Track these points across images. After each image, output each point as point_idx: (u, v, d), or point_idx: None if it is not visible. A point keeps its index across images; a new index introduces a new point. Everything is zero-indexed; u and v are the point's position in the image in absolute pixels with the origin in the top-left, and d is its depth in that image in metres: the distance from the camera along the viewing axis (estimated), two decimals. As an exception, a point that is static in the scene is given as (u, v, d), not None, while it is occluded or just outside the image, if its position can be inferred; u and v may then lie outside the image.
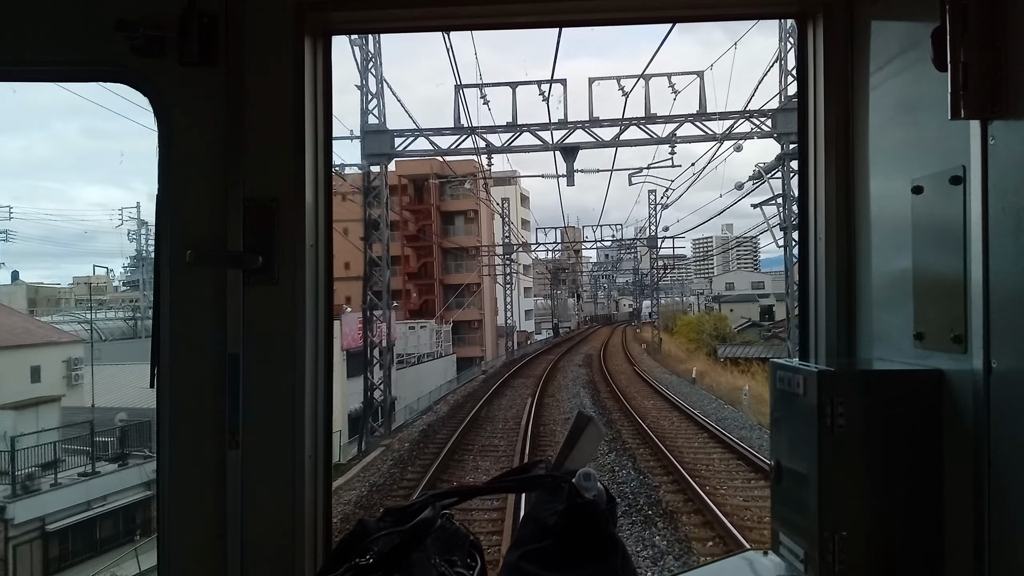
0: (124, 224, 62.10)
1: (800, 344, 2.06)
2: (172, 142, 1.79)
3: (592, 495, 1.40)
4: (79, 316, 49.08)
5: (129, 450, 22.93)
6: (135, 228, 59.61)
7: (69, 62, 1.83)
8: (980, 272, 1.37)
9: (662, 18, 2.33)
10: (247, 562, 1.75)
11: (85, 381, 30.34)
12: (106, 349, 42.44)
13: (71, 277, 77.61)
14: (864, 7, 1.83)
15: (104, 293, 68.39)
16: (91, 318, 50.20)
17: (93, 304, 59.75)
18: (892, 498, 1.57)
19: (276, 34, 1.78)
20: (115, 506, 21.52)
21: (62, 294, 65.44)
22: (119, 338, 47.98)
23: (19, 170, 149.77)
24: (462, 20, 2.09)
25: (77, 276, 77.37)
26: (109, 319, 52.24)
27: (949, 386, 1.52)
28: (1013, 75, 1.29)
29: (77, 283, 72.62)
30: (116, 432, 23.09)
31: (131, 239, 59.73)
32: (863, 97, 1.84)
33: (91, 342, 32.43)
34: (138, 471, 22.02)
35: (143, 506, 22.18)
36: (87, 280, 74.12)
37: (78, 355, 32.13)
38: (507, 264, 58.80)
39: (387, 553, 1.28)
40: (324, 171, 1.90)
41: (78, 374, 30.82)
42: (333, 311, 2.00)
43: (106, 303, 60.61)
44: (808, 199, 1.97)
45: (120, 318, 53.69)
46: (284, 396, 1.78)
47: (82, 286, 72.55)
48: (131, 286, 59.96)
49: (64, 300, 64.90)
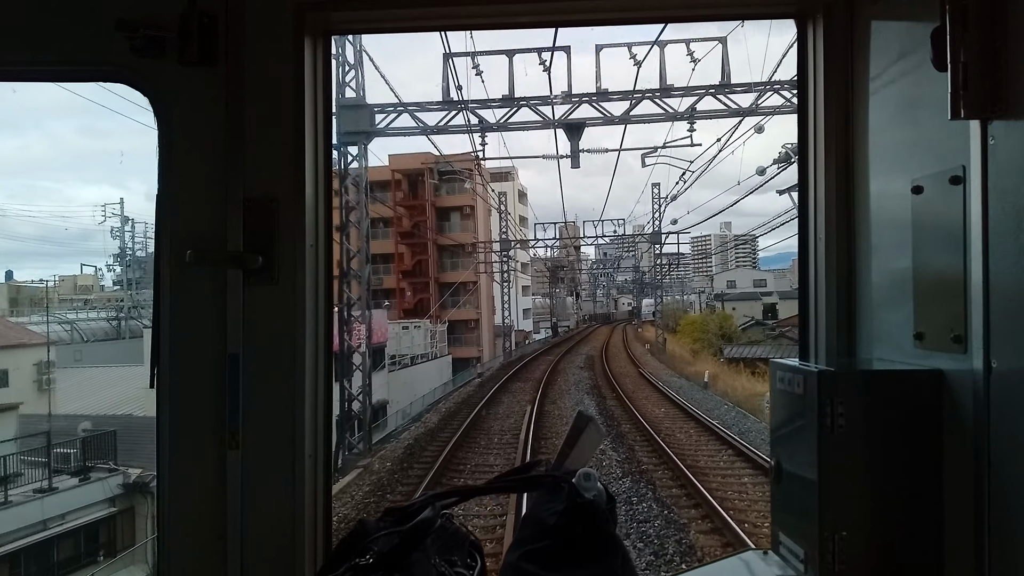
0: (107, 221, 59.84)
1: (800, 344, 2.07)
2: (172, 142, 1.81)
3: (592, 495, 1.41)
4: (59, 316, 47.88)
5: (93, 462, 21.13)
6: (119, 225, 57.48)
7: (69, 62, 1.85)
8: (980, 272, 1.39)
9: (661, 18, 2.36)
10: (247, 562, 1.77)
11: (58, 386, 29.17)
12: (87, 351, 41.45)
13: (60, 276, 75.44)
14: (864, 7, 1.85)
15: (90, 292, 66.17)
16: (72, 318, 48.92)
17: (79, 304, 58.33)
18: (892, 498, 1.58)
19: (276, 34, 1.80)
20: (74, 525, 19.59)
21: (46, 294, 63.27)
22: (101, 339, 46.45)
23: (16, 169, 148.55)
24: (462, 20, 2.12)
25: (63, 275, 75.25)
26: (91, 319, 50.44)
27: (949, 386, 1.54)
28: (1013, 75, 1.31)
29: (62, 281, 70.62)
30: (77, 443, 21.09)
31: (114, 236, 57.65)
32: (863, 97, 1.86)
33: (50, 344, 30.60)
34: (101, 486, 20.38)
35: (107, 525, 20.70)
36: (74, 279, 72.50)
37: (51, 357, 30.06)
38: (504, 261, 56.84)
39: (387, 553, 1.29)
40: (324, 171, 1.92)
41: (50, 378, 29.03)
42: (333, 311, 2.00)
43: (92, 303, 58.50)
44: (808, 199, 1.99)
45: (103, 318, 51.92)
46: (284, 396, 1.79)
47: (70, 285, 71.05)
48: (122, 285, 57.86)
49: (47, 299, 62.87)
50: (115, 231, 57.94)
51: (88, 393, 29.85)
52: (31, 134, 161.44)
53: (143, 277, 64.66)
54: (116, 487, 20.59)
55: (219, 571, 1.76)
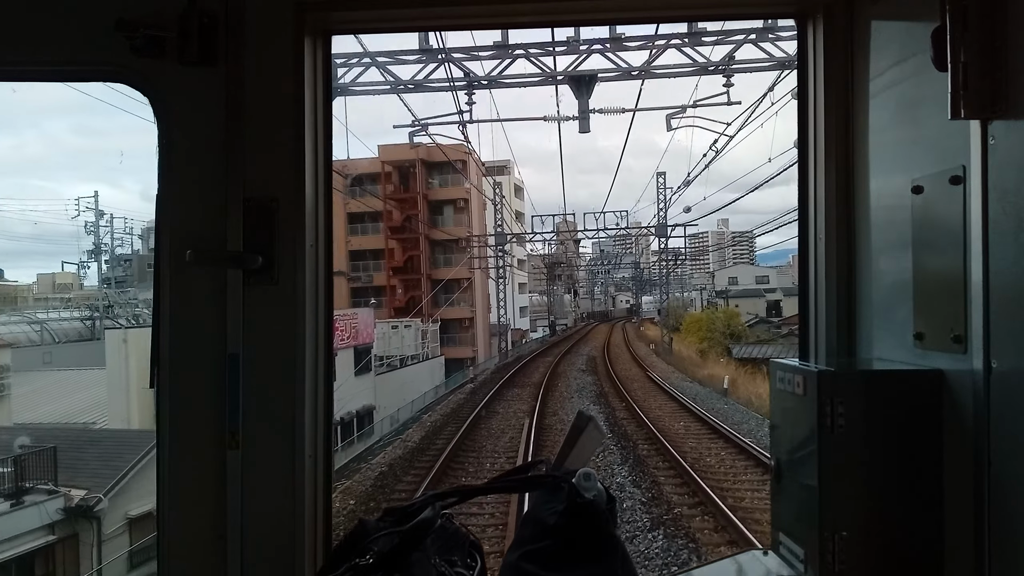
0: (81, 216, 56.82)
1: (800, 344, 2.11)
2: (172, 142, 1.84)
3: (592, 495, 1.42)
4: (29, 316, 46.25)
5: (32, 483, 18.28)
6: (93, 220, 54.46)
7: (69, 62, 1.88)
8: (980, 272, 1.42)
9: (662, 18, 2.55)
10: (247, 562, 1.80)
11: (16, 392, 27.17)
12: (58, 352, 39.40)
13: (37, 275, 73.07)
14: (864, 7, 1.88)
15: (69, 291, 63.66)
16: (43, 317, 46.60)
17: (56, 303, 56.04)
18: (892, 498, 1.61)
19: (276, 34, 1.83)
20: (4, 558, 17.04)
21: (19, 292, 60.52)
22: (75, 340, 44.30)
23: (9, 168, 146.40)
24: (462, 20, 2.12)
25: (42, 273, 72.50)
26: (63, 319, 48.09)
27: (949, 386, 1.57)
28: (1013, 75, 1.34)
29: (40, 280, 68.24)
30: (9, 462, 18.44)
31: (88, 231, 54.60)
32: (863, 97, 1.89)
33: (6, 346, 28.16)
34: (37, 511, 17.64)
35: (44, 556, 17.93)
36: (52, 277, 70.11)
37: (4, 361, 27.83)
38: (499, 256, 54.04)
39: (387, 553, 1.31)
40: (324, 171, 1.94)
41: (4, 383, 26.86)
42: (333, 311, 2.02)
43: (72, 302, 56.00)
44: (808, 199, 2.02)
45: (77, 318, 49.49)
46: (284, 396, 1.82)
47: (49, 283, 68.80)
48: (113, 283, 55.07)
49: (22, 299, 60.26)
50: (89, 226, 54.80)
51: (51, 399, 28.08)
52: (26, 133, 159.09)
53: (125, 275, 61.91)
54: (56, 512, 18.01)
55: (219, 571, 1.79)
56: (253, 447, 1.78)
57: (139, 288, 53.41)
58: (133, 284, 56.91)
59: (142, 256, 57.98)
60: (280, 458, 1.79)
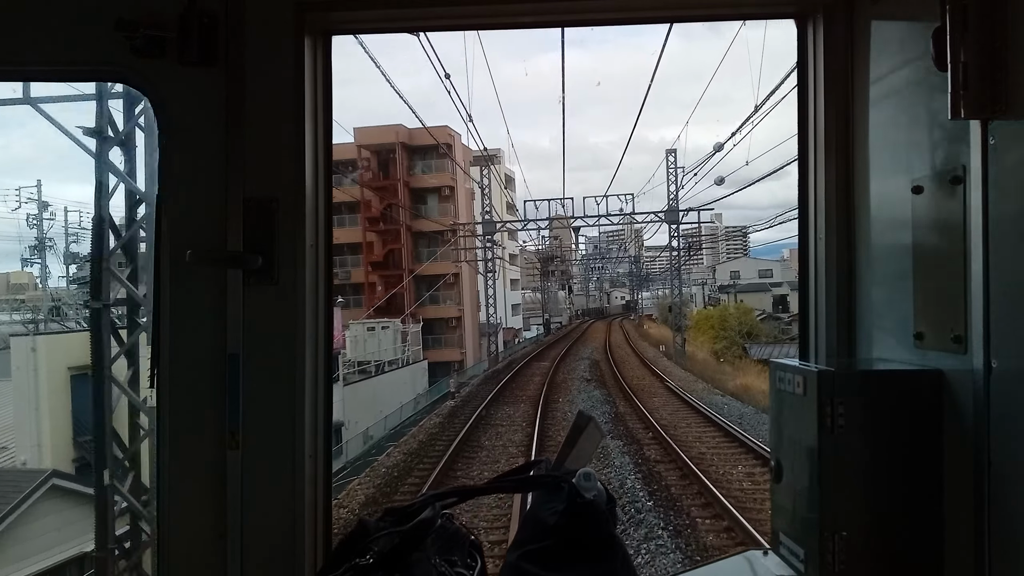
0: (23, 207, 51.03)
1: (800, 344, 2.16)
2: (172, 142, 1.90)
3: (592, 495, 1.46)
4: None
5: None
6: (35, 212, 48.72)
7: (69, 62, 1.92)
8: (980, 272, 1.45)
9: (661, 18, 2.41)
10: (247, 562, 1.84)
11: None
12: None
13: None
14: (864, 7, 1.92)
15: (24, 291, 58.11)
16: None
17: (5, 305, 50.64)
18: (892, 498, 1.65)
19: (276, 34, 1.87)
20: None
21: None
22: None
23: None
24: (462, 20, 2.16)
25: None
26: (3, 323, 42.92)
27: (949, 386, 1.60)
28: (1013, 75, 1.37)
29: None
30: None
31: (31, 225, 48.91)
32: (863, 97, 1.93)
33: None
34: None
35: None
36: (6, 277, 64.62)
37: None
38: (488, 248, 48.61)
39: (387, 553, 1.34)
40: (324, 171, 2.00)
41: None
42: (333, 311, 2.07)
43: (26, 303, 50.58)
44: (808, 199, 2.07)
45: (17, 321, 43.98)
46: (284, 396, 1.87)
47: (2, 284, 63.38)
48: (80, 283, 49.68)
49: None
50: (31, 219, 49.12)
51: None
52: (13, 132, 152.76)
53: (79, 273, 56.03)
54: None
55: (219, 571, 1.84)
56: (253, 447, 1.83)
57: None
58: (88, 283, 51.57)
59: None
60: (280, 458, 1.84)
